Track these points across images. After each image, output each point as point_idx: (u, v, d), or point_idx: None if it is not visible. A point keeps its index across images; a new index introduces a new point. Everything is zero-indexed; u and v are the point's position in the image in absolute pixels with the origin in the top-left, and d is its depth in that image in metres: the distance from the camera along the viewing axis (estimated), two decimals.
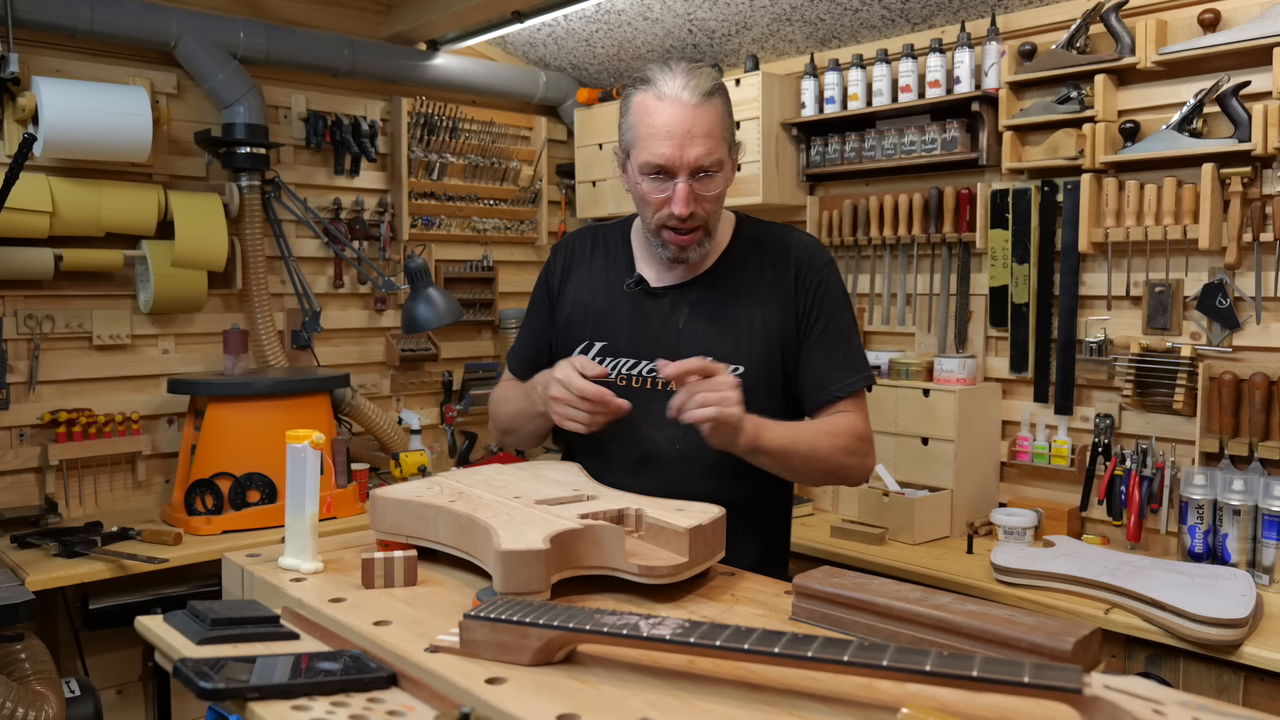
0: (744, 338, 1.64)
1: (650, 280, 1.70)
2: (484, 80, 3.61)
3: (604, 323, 1.70)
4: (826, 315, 1.66)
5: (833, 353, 1.65)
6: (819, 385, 1.65)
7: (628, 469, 1.63)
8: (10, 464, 2.79)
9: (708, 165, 1.55)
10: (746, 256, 1.70)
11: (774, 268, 1.68)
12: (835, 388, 1.64)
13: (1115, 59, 2.48)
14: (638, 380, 1.66)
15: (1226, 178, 2.36)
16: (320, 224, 3.33)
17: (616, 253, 1.76)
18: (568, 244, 1.82)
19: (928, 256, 3.02)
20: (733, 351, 1.63)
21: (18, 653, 2.15)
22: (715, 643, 0.90)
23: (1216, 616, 1.89)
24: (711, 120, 1.55)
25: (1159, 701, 0.75)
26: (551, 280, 1.81)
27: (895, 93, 2.94)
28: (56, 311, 2.85)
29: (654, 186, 1.57)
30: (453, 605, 1.19)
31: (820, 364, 1.65)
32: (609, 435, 1.62)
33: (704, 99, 1.54)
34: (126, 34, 2.83)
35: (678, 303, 1.67)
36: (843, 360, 1.66)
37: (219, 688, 0.97)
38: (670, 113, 1.53)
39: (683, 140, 1.52)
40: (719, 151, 1.56)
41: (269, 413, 2.75)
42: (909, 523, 2.61)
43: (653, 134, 1.54)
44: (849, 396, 1.65)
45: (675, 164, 1.54)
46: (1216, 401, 2.35)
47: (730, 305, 1.66)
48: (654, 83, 1.56)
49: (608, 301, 1.71)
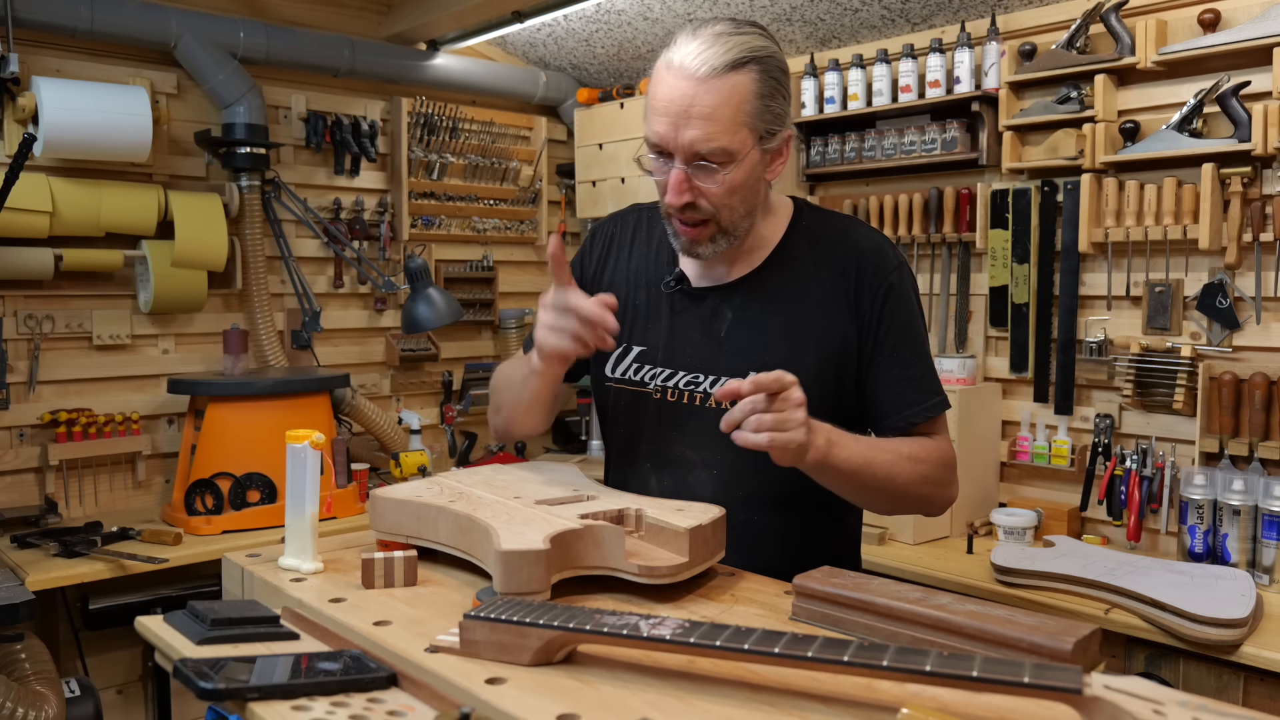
0: (795, 349, 1.42)
1: (692, 279, 1.48)
2: (484, 80, 3.61)
3: (643, 325, 1.50)
4: (900, 329, 1.44)
5: (908, 371, 1.44)
6: (894, 409, 1.44)
7: (661, 493, 1.46)
8: (10, 464, 2.79)
9: (705, 153, 1.31)
10: (801, 254, 1.46)
11: (834, 268, 1.44)
12: (911, 412, 1.43)
13: (1115, 59, 2.48)
14: (674, 393, 1.47)
15: (1226, 178, 2.36)
16: (320, 224, 3.33)
17: (660, 244, 1.53)
18: (608, 227, 1.61)
19: (928, 256, 3.02)
20: (781, 363, 1.33)
21: (18, 653, 2.15)
22: (715, 643, 0.90)
23: (1216, 616, 1.89)
24: (718, 100, 1.29)
25: (1159, 701, 0.75)
26: (587, 267, 1.59)
27: (895, 93, 2.94)
28: (56, 311, 2.85)
29: (657, 166, 1.37)
30: (453, 605, 1.19)
31: (894, 384, 1.44)
32: (644, 454, 1.49)
33: (714, 74, 1.29)
34: (126, 34, 2.83)
35: (720, 307, 1.46)
36: (920, 380, 1.44)
37: (219, 688, 0.97)
38: (672, 85, 1.31)
39: (678, 119, 1.30)
40: (725, 139, 1.31)
41: (269, 413, 2.75)
42: (909, 523, 2.61)
43: (654, 107, 1.34)
44: (931, 419, 1.45)
45: (669, 144, 1.33)
46: (1216, 401, 2.35)
47: (780, 311, 1.44)
48: (672, 46, 1.34)
49: (646, 301, 1.51)
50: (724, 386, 1.23)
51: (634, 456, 1.52)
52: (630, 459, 1.53)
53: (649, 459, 1.50)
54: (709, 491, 1.43)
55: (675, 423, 1.46)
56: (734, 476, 1.41)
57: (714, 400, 1.42)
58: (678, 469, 1.47)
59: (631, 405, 1.53)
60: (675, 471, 1.48)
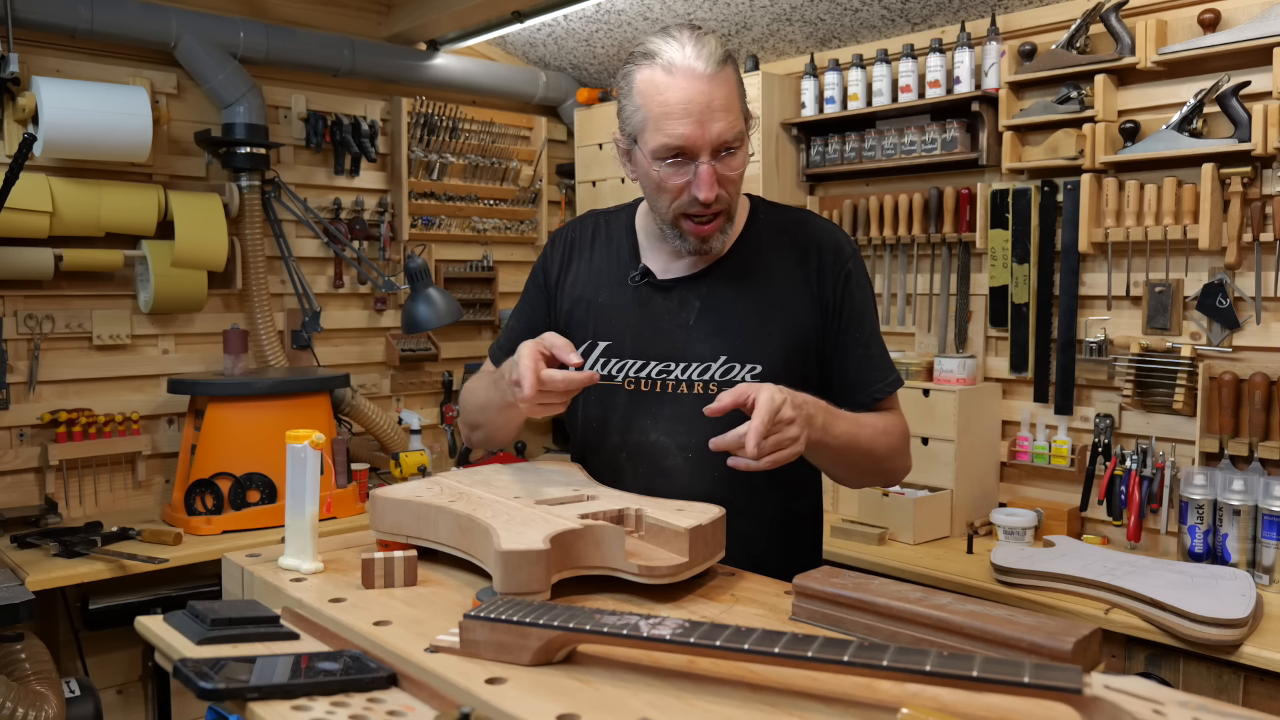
0: (763, 331, 1.50)
1: (657, 272, 1.55)
2: (484, 80, 3.61)
3: (607, 321, 1.57)
4: (859, 313, 1.55)
5: (868, 351, 1.55)
6: (859, 386, 1.54)
7: (638, 480, 1.52)
8: (10, 464, 2.79)
9: (731, 140, 1.40)
10: (763, 243, 1.55)
11: (794, 256, 1.54)
12: (875, 388, 1.54)
13: (1115, 59, 2.48)
14: (646, 384, 1.53)
15: (1226, 178, 2.36)
16: (320, 224, 3.33)
17: (620, 242, 1.60)
18: (567, 233, 1.67)
19: (928, 256, 3.02)
20: (749, 349, 1.49)
21: (18, 653, 2.15)
22: (715, 643, 0.90)
23: (1216, 616, 1.89)
24: (729, 90, 1.40)
25: (1159, 701, 0.75)
26: (549, 271, 1.65)
27: (895, 93, 2.94)
28: (56, 311, 2.85)
29: (672, 171, 1.41)
30: (453, 605, 1.19)
31: (858, 364, 1.54)
32: (617, 444, 1.55)
33: (719, 67, 1.39)
34: (126, 34, 2.83)
35: (687, 297, 1.53)
36: (877, 360, 1.56)
37: (219, 688, 0.97)
38: (685, 87, 1.37)
39: (703, 116, 1.37)
40: (740, 124, 1.41)
41: (269, 413, 2.75)
42: (909, 523, 2.61)
43: (668, 113, 1.38)
44: (890, 395, 1.57)
45: (697, 144, 1.38)
46: (1216, 401, 2.35)
47: (747, 297, 1.52)
48: (659, 55, 1.39)
49: (611, 297, 1.57)
50: (715, 404, 1.29)
51: (607, 447, 1.57)
52: (603, 450, 1.57)
53: (623, 449, 1.55)
54: (684, 476, 1.50)
55: (648, 411, 1.52)
56: (709, 459, 1.42)
57: (685, 387, 1.50)
58: (652, 455, 1.53)
59: (601, 399, 1.57)
60: (650, 458, 1.53)
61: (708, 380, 1.49)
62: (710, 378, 1.49)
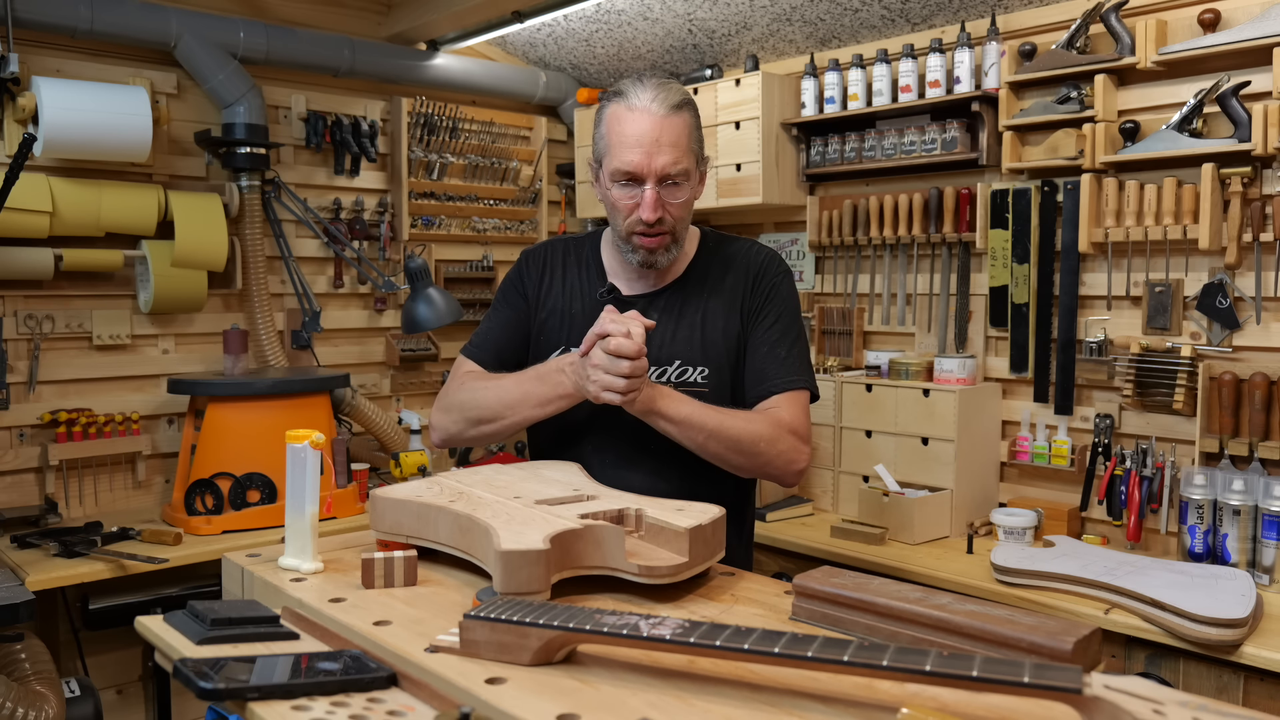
0: (708, 341, 1.71)
1: (622, 289, 1.77)
2: (484, 80, 3.61)
3: (579, 328, 1.71)
4: (774, 315, 1.73)
5: (775, 350, 1.71)
6: (757, 379, 1.70)
7: (603, 471, 1.61)
8: (10, 464, 2.79)
9: (674, 174, 1.62)
10: (711, 267, 1.78)
11: (735, 275, 1.76)
12: (771, 383, 1.68)
13: (1115, 59, 2.48)
14: None
15: (1226, 178, 2.36)
16: (320, 224, 3.33)
17: (588, 264, 1.82)
18: (541, 253, 1.87)
19: (928, 256, 3.02)
20: (700, 355, 1.70)
21: (18, 653, 2.15)
22: (715, 643, 0.90)
23: (1216, 616, 1.89)
24: (679, 132, 1.62)
25: (1159, 701, 0.75)
26: (528, 283, 1.83)
27: (895, 93, 2.94)
28: (56, 311, 2.85)
29: (624, 193, 1.64)
30: (453, 605, 1.19)
31: (761, 359, 1.70)
32: (585, 439, 1.70)
33: (672, 111, 1.62)
34: (126, 34, 2.83)
35: (648, 309, 1.72)
36: (784, 359, 1.70)
37: (219, 688, 0.97)
38: (640, 122, 1.61)
39: (651, 149, 1.60)
40: (685, 162, 1.63)
41: (269, 413, 2.75)
42: (909, 523, 2.61)
43: (623, 142, 1.62)
44: (785, 392, 1.68)
45: (644, 171, 1.61)
46: (1216, 401, 2.35)
47: (696, 311, 1.73)
48: (626, 95, 1.64)
49: (582, 309, 1.77)
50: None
51: (573, 442, 1.72)
52: (570, 444, 1.72)
53: (590, 442, 1.70)
54: (650, 464, 1.67)
55: (612, 410, 1.61)
56: (671, 451, 1.62)
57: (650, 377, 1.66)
58: (617, 448, 1.68)
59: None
60: (615, 451, 1.68)
61: (665, 381, 1.69)
62: (668, 379, 1.70)
